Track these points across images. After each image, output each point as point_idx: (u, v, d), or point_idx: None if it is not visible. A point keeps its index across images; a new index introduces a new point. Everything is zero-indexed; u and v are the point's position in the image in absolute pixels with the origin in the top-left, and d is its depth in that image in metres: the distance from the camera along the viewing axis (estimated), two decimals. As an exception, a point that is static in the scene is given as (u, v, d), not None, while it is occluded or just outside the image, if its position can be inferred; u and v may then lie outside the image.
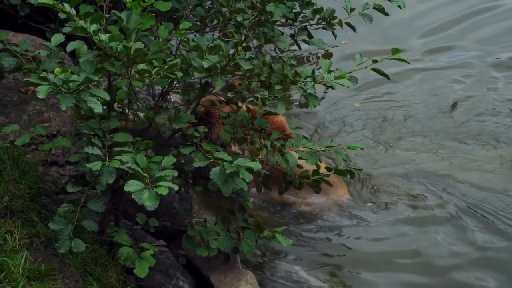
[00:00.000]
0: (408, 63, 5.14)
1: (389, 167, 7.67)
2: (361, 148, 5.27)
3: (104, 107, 4.84)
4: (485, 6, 10.62)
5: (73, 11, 4.45)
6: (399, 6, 5.35)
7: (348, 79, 4.92)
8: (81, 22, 4.41)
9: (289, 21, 5.56)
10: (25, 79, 4.74)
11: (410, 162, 7.77)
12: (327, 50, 9.20)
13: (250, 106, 5.74)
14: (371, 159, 7.74)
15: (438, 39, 10.05)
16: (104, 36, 4.41)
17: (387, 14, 5.40)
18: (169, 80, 4.87)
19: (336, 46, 9.03)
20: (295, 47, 5.65)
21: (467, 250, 6.59)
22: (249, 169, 4.56)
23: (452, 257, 6.53)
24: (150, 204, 4.12)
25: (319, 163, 5.29)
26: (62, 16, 4.51)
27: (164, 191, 4.14)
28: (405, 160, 7.80)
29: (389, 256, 6.57)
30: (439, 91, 9.01)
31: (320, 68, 4.94)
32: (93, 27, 4.42)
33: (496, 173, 7.60)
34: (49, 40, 5.17)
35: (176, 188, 4.22)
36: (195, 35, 5.15)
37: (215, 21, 5.68)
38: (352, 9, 5.42)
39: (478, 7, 10.60)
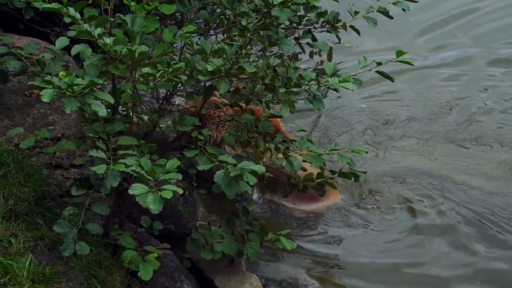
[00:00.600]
0: (413, 65, 5.13)
1: (387, 170, 7.60)
2: (366, 152, 5.26)
3: (109, 110, 4.86)
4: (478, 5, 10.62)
5: (77, 15, 4.47)
6: (403, 10, 5.35)
7: (352, 82, 4.92)
8: (86, 26, 4.42)
9: (293, 24, 5.56)
10: (29, 83, 4.75)
11: (410, 165, 7.69)
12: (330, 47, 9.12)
13: (253, 107, 5.73)
14: (370, 162, 7.69)
15: (437, 35, 10.00)
16: (108, 40, 4.41)
17: (391, 17, 5.41)
18: (173, 83, 4.88)
19: (337, 43, 8.99)
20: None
21: (469, 261, 6.51)
22: (253, 172, 4.57)
23: (454, 268, 6.46)
24: (154, 208, 4.12)
25: (323, 166, 5.28)
26: (67, 20, 4.52)
27: (168, 195, 4.14)
28: (404, 163, 7.73)
29: (390, 265, 6.52)
30: (440, 90, 8.94)
31: (321, 63, 4.94)
32: (98, 30, 4.43)
33: (498, 178, 7.52)
34: (53, 43, 5.18)
35: (180, 191, 4.22)
36: (199, 38, 5.16)
37: (216, 22, 5.67)
38: (356, 12, 5.43)
39: (472, 5, 10.59)
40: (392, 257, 6.61)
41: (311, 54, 6.07)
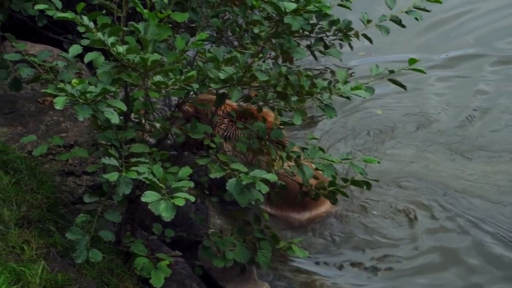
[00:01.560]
0: (425, 73, 5.14)
1: (390, 179, 7.45)
2: (378, 162, 5.25)
3: (121, 117, 4.87)
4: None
5: (91, 24, 4.49)
6: (416, 19, 5.36)
7: (365, 90, 4.93)
8: (99, 35, 4.44)
9: (305, 32, 5.57)
10: (42, 90, 4.78)
11: (419, 174, 7.55)
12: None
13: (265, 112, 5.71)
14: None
15: (439, 34, 9.90)
16: (121, 48, 4.43)
17: (404, 26, 5.41)
18: (186, 91, 4.89)
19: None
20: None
21: (481, 281, 6.38)
22: (265, 181, 4.57)
23: None
24: (166, 215, 4.14)
25: (335, 174, 5.28)
26: (81, 29, 4.55)
27: (180, 202, 4.16)
28: (406, 171, 7.59)
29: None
30: (446, 92, 8.80)
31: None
32: (111, 39, 4.45)
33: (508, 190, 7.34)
34: (66, 51, 5.21)
35: (192, 199, 4.24)
36: (211, 46, 5.17)
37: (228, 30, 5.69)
38: (369, 21, 5.43)
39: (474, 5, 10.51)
40: (401, 280, 6.47)
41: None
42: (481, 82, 9.03)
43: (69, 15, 4.43)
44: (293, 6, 4.71)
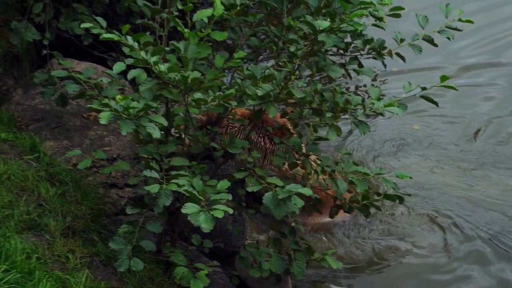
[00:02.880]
0: (457, 90, 5.21)
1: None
2: (410, 177, 5.29)
3: (162, 132, 5.02)
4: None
5: (135, 45, 4.65)
6: (448, 38, 5.42)
7: (398, 106, 5.03)
8: (143, 53, 4.60)
9: (340, 51, 5.66)
10: (88, 105, 4.93)
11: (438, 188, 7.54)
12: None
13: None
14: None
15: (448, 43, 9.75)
16: (163, 67, 4.57)
17: (436, 45, 5.47)
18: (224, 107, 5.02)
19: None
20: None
21: None
22: (300, 195, 4.69)
23: None
24: (206, 226, 4.27)
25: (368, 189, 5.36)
26: (126, 50, 4.69)
27: (220, 214, 4.29)
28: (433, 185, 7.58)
29: None
30: (461, 104, 8.80)
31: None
32: (154, 58, 4.60)
33: None
34: (111, 68, 5.36)
35: (231, 211, 4.36)
36: (249, 64, 5.30)
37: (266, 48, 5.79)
38: (402, 40, 5.51)
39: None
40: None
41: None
42: (494, 92, 8.99)
43: (115, 36, 4.60)
44: (326, 24, 4.83)
